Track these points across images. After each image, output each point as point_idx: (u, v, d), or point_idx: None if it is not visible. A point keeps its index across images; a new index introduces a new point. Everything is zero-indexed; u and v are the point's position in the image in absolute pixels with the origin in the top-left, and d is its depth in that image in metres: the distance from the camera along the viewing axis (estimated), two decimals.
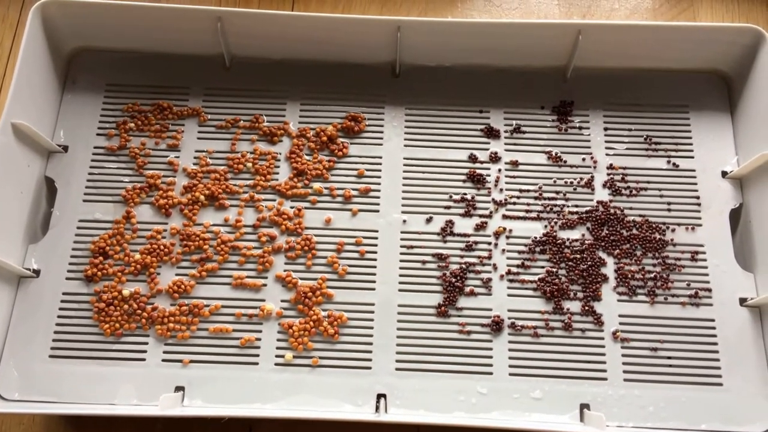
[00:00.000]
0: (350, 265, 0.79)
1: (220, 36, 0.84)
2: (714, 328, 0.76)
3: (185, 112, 0.85)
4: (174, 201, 0.81)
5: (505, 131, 0.85)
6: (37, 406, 0.73)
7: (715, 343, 0.76)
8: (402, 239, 0.80)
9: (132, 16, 0.83)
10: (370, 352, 0.76)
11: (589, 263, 0.79)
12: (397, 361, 0.75)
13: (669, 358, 0.75)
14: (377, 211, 0.82)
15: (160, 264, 0.79)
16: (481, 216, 0.81)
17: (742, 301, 0.77)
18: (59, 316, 0.76)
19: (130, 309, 0.76)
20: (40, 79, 0.81)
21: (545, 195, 0.82)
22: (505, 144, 0.85)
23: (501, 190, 0.83)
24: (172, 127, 0.85)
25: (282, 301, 0.78)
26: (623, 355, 0.75)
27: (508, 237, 0.80)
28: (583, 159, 0.84)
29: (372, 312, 0.77)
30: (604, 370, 0.75)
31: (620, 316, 0.77)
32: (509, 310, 0.77)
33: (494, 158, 0.84)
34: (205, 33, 0.84)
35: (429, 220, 0.81)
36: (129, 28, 0.85)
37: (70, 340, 0.76)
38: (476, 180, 0.83)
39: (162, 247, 0.79)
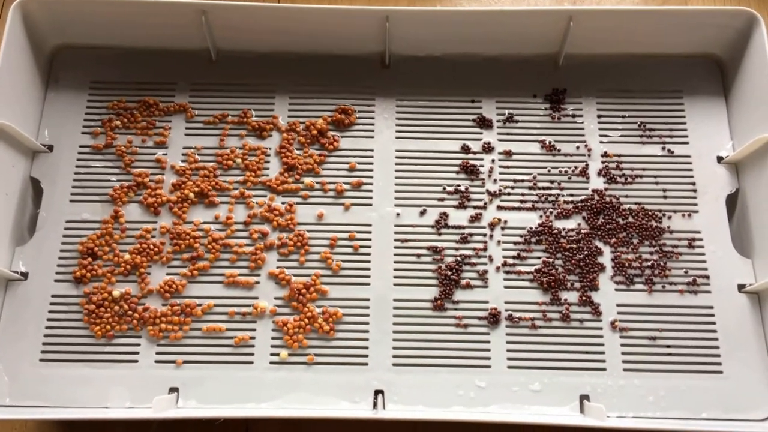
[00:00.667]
0: (344, 261, 0.78)
1: (206, 30, 0.82)
2: (713, 315, 0.76)
3: (172, 108, 0.84)
4: (163, 199, 0.80)
5: (498, 121, 0.84)
6: (29, 411, 0.72)
7: (714, 331, 0.75)
8: (396, 233, 0.79)
9: (114, 12, 0.82)
10: (366, 348, 0.75)
11: (585, 253, 0.78)
12: (394, 356, 0.74)
13: (668, 346, 0.75)
14: (370, 204, 0.80)
15: (151, 264, 0.77)
16: (475, 207, 0.80)
17: (741, 288, 0.77)
18: (49, 319, 0.75)
19: (120, 310, 0.75)
20: (22, 79, 0.80)
21: (540, 185, 0.81)
22: (498, 134, 0.84)
23: (495, 180, 0.81)
24: (159, 124, 0.83)
25: (275, 298, 0.77)
26: (622, 345, 0.75)
27: (503, 228, 0.79)
28: (577, 147, 0.83)
29: (367, 307, 0.76)
30: (603, 361, 0.74)
31: (618, 305, 0.76)
32: (506, 302, 0.76)
33: (487, 148, 0.83)
34: (190, 27, 0.82)
35: (423, 213, 0.80)
36: (112, 23, 0.83)
37: (60, 343, 0.74)
38: (470, 171, 0.82)
39: (152, 246, 0.77)
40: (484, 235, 0.79)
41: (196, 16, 0.81)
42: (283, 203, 0.80)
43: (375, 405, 0.72)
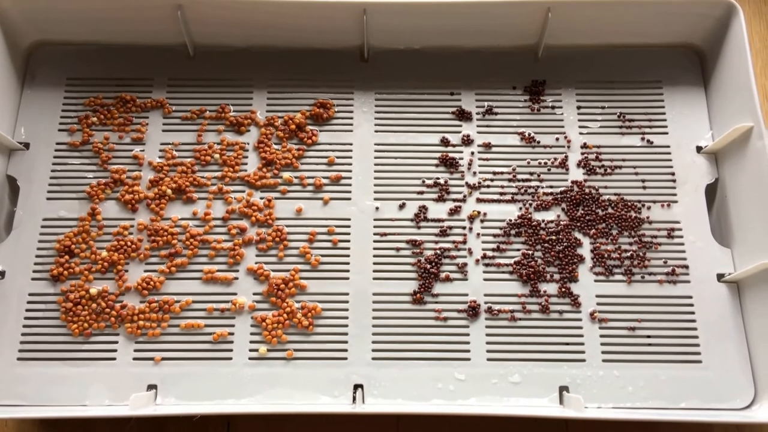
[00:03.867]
0: (323, 255, 0.78)
1: (182, 25, 0.81)
2: (692, 305, 0.76)
3: (149, 104, 0.83)
4: (140, 196, 0.79)
5: (477, 113, 0.84)
6: (7, 410, 0.72)
7: (693, 320, 0.75)
8: (375, 227, 0.79)
9: (90, 8, 0.81)
10: (346, 342, 0.74)
11: (565, 244, 0.78)
12: (374, 350, 0.74)
13: (647, 337, 0.75)
14: (349, 198, 0.80)
15: (128, 261, 0.77)
16: (454, 200, 0.80)
17: (720, 277, 0.77)
18: (26, 318, 0.75)
19: (98, 308, 0.75)
20: None
21: (519, 177, 0.81)
22: (478, 126, 0.83)
23: (474, 173, 0.81)
24: (136, 120, 0.83)
25: (254, 294, 0.76)
26: (601, 336, 0.75)
27: (482, 220, 0.79)
28: (557, 139, 0.83)
29: (347, 302, 0.76)
30: (583, 352, 0.74)
31: (597, 296, 0.76)
32: (485, 295, 0.76)
33: (467, 141, 0.82)
34: (166, 22, 0.82)
35: (402, 206, 0.80)
36: (88, 19, 0.83)
37: (38, 341, 0.74)
38: (449, 164, 0.81)
39: (129, 243, 0.77)
40: (464, 227, 0.79)
41: (172, 11, 0.81)
42: (261, 198, 0.80)
43: (354, 399, 0.72)
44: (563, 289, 0.76)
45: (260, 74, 0.85)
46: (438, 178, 0.81)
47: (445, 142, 0.82)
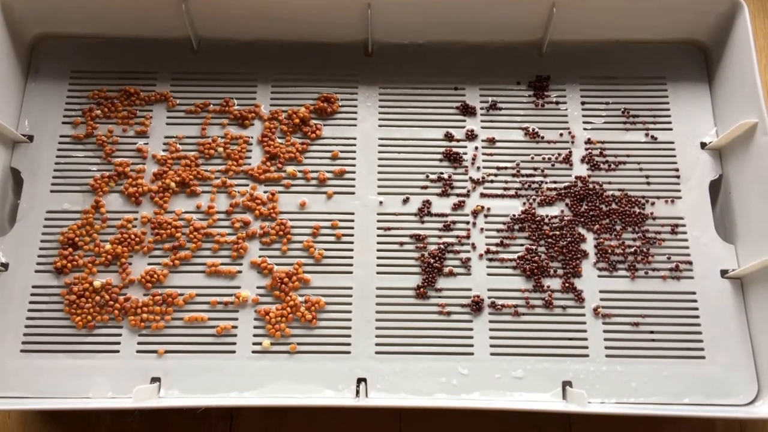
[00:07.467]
0: (327, 249, 0.78)
1: (186, 18, 0.81)
2: (695, 301, 0.76)
3: (153, 98, 0.83)
4: (144, 189, 0.79)
5: (481, 108, 0.84)
6: (11, 402, 0.72)
7: (697, 316, 0.75)
8: (379, 221, 0.79)
9: (95, 0, 0.81)
10: (349, 336, 0.75)
11: (568, 239, 0.78)
12: (377, 344, 0.74)
13: (651, 332, 0.75)
14: (353, 193, 0.80)
15: (132, 253, 0.77)
16: (458, 195, 0.80)
17: (724, 273, 0.77)
18: (30, 310, 0.75)
19: (102, 300, 0.75)
20: (2, 69, 0.79)
21: (523, 172, 0.81)
22: (482, 121, 0.83)
23: (478, 168, 0.81)
24: (140, 113, 0.83)
25: (258, 287, 0.76)
26: (605, 331, 0.75)
27: (486, 215, 0.79)
28: (561, 134, 0.83)
29: (350, 296, 0.76)
30: (586, 347, 0.74)
31: (601, 291, 0.76)
32: (489, 290, 0.76)
33: (470, 136, 0.82)
34: (170, 15, 0.82)
35: (406, 201, 0.80)
36: (92, 12, 0.83)
37: (41, 333, 0.74)
38: (453, 159, 0.81)
39: (133, 236, 0.77)
40: (467, 222, 0.79)
41: (176, 4, 0.80)
42: (265, 192, 0.80)
43: (358, 393, 0.72)
44: (567, 285, 0.76)
45: (264, 68, 0.85)
46: (442, 173, 0.81)
47: (449, 137, 0.82)
